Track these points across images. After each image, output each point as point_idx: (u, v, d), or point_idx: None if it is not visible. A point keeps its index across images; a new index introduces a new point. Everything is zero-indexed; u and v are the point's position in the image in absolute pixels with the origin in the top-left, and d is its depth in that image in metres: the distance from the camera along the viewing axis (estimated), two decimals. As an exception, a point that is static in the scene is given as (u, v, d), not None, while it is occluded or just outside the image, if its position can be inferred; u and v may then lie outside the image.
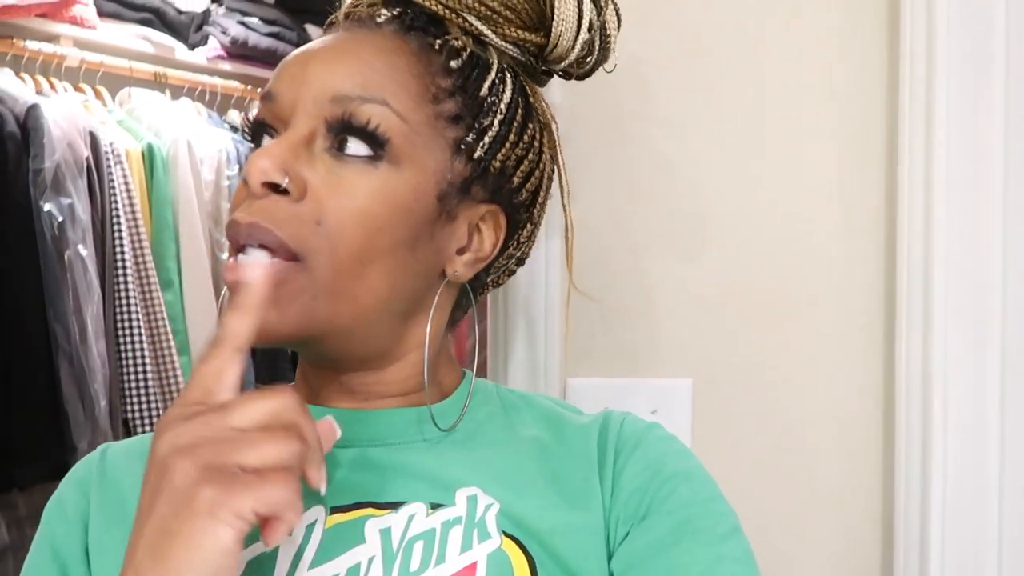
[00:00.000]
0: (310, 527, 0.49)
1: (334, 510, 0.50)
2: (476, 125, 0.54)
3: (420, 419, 0.55)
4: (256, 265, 0.47)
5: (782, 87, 0.87)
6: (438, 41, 0.53)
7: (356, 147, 0.49)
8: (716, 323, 0.87)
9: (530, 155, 0.57)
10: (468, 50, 0.54)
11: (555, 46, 0.57)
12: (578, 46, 0.57)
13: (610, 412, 0.60)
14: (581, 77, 0.62)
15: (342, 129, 0.50)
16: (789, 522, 0.88)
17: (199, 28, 2.48)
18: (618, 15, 0.61)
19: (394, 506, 0.51)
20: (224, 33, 2.47)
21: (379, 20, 0.53)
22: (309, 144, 0.50)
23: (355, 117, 0.49)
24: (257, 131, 0.53)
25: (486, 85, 0.54)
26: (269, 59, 2.54)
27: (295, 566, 0.47)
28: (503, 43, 0.55)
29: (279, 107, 0.51)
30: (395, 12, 0.53)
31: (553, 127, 0.60)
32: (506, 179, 0.56)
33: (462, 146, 0.53)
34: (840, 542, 0.88)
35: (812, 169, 0.87)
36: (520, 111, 0.56)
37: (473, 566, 0.48)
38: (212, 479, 0.37)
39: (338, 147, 0.50)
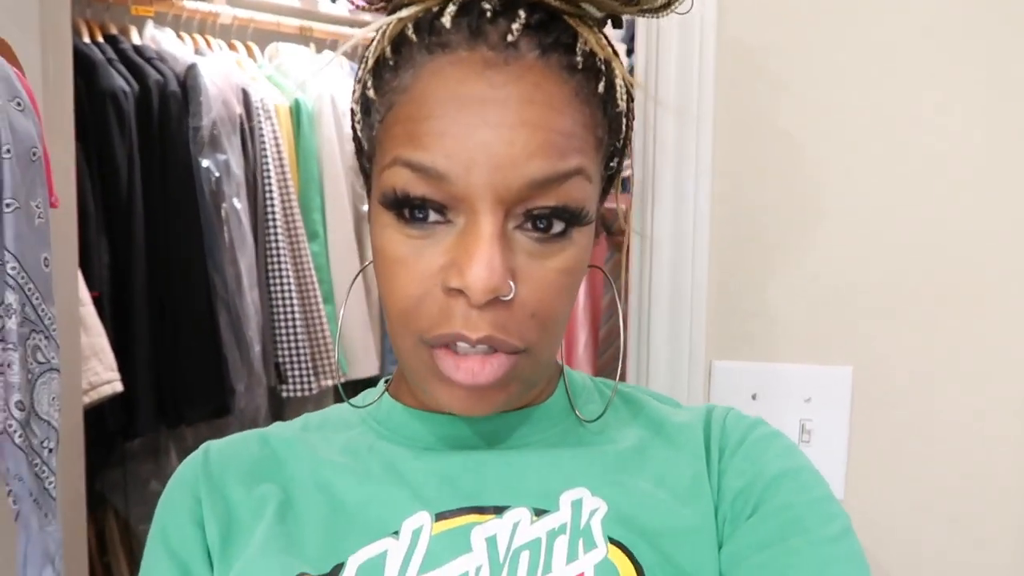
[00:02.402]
0: (416, 532, 0.49)
1: (439, 516, 0.49)
2: (617, 145, 0.51)
3: (527, 421, 0.54)
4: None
5: (965, 68, 0.76)
6: (578, 59, 0.46)
7: (554, 225, 0.46)
8: (883, 310, 0.80)
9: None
10: (599, 59, 0.47)
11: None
12: None
13: (712, 407, 0.57)
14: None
15: (545, 216, 0.45)
16: (958, 530, 0.81)
17: (341, -21, 2.51)
18: None
19: (498, 511, 0.49)
20: (364, -17, 2.48)
21: (512, 40, 0.45)
22: (504, 230, 0.45)
23: (566, 205, 0.45)
24: (408, 203, 0.45)
25: (619, 97, 0.49)
26: (408, 8, 2.53)
27: (403, 573, 0.47)
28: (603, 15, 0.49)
29: (454, 188, 0.44)
30: (520, 22, 0.45)
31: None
32: (619, 171, 0.53)
33: (608, 172, 0.51)
34: (1020, 572, 0.80)
35: (998, 155, 0.77)
36: (629, 95, 0.51)
37: None
38: None
39: (532, 226, 0.46)
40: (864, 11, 0.78)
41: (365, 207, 2.20)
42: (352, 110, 0.52)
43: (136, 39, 1.93)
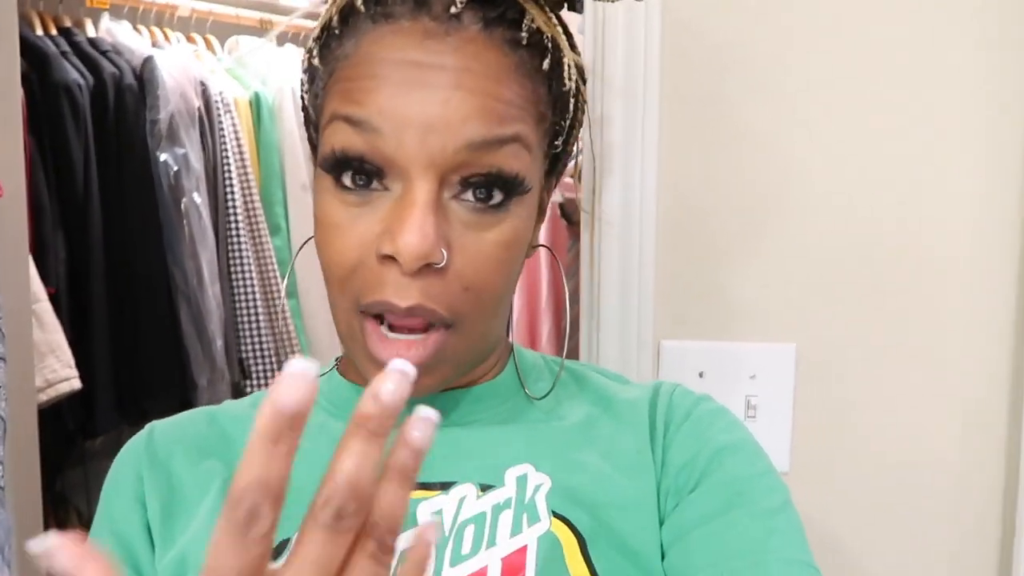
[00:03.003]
0: None
1: None
2: (563, 124, 0.51)
3: (476, 398, 0.54)
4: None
5: (911, 47, 0.78)
6: (523, 35, 0.47)
7: (493, 196, 0.46)
8: (826, 289, 0.81)
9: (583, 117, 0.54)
10: (546, 37, 0.48)
11: None
12: None
13: (660, 383, 0.58)
14: None
15: (481, 183, 0.45)
16: (898, 500, 0.82)
17: (302, -28, 2.49)
18: None
19: (444, 487, 0.50)
20: (325, -24, 2.46)
21: (455, 12, 0.45)
22: (439, 198, 0.45)
23: (501, 170, 0.45)
24: (346, 164, 0.45)
25: (566, 76, 0.50)
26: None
27: None
28: None
29: (387, 146, 0.44)
30: None
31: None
32: (567, 152, 0.54)
33: (553, 151, 0.51)
34: (955, 540, 0.82)
35: (944, 137, 0.78)
36: (581, 77, 0.52)
37: (523, 549, 0.47)
38: None
39: (471, 195, 0.46)
40: (802, -6, 0.79)
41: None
42: (301, 80, 0.52)
43: (91, 31, 1.90)
